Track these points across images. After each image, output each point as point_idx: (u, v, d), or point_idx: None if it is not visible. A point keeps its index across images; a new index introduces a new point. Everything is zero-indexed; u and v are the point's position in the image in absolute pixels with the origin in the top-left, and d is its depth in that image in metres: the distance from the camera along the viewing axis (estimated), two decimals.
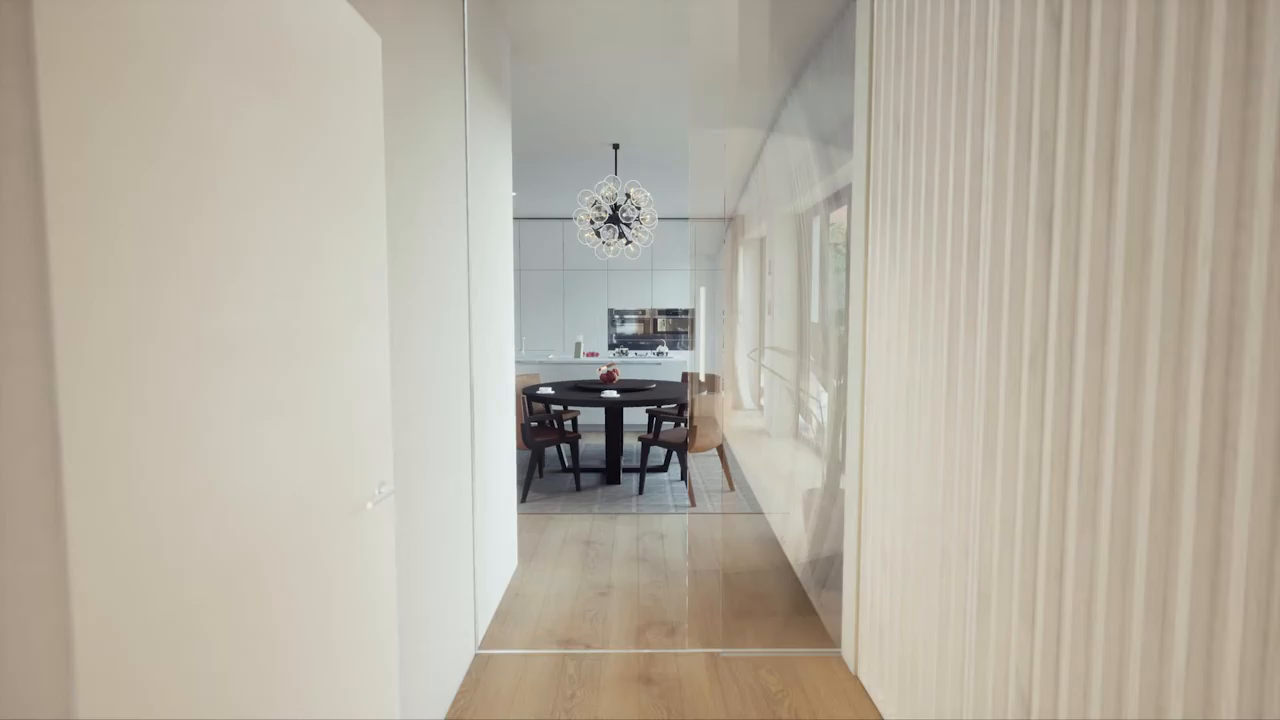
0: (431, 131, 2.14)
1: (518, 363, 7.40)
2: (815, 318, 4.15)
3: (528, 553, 3.70)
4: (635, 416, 6.90)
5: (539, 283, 9.08)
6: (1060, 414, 1.25)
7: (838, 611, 2.74)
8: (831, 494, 3.33)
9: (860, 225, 2.36)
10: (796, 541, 3.66)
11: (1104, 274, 1.14)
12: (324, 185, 1.29)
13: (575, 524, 4.23)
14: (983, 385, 1.52)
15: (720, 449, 5.00)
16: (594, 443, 6.69)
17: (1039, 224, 1.31)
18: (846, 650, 2.55)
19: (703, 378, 6.32)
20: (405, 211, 1.89)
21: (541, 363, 7.44)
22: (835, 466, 3.33)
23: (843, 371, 3.22)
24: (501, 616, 2.95)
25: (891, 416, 2.12)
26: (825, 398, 3.40)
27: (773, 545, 3.86)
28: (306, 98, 1.22)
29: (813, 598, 3.14)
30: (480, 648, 2.64)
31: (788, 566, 3.53)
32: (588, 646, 2.67)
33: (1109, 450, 1.12)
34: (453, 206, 2.37)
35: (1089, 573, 1.17)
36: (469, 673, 2.47)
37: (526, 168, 6.20)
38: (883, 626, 2.21)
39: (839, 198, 3.41)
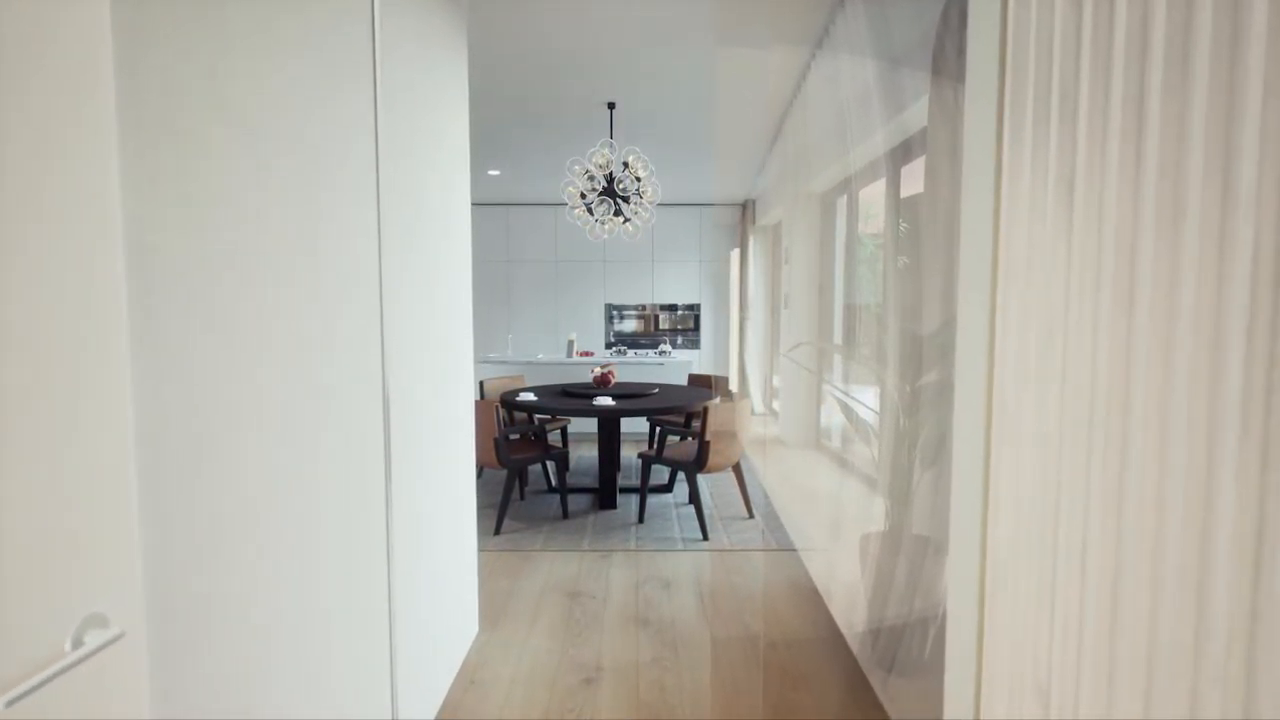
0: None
1: (502, 363, 6.55)
2: (866, 301, 3.30)
3: (495, 610, 2.85)
4: (635, 425, 6.05)
5: (528, 274, 8.24)
6: None
7: (913, 708, 1.89)
8: (895, 542, 2.48)
9: (987, 139, 1.51)
10: (847, 599, 2.80)
11: None
12: None
13: (559, 565, 3.38)
14: None
15: (735, 464, 4.15)
16: (587, 453, 5.84)
17: None
18: None
19: (733, 386, 5.42)
20: (183, 142, 1.04)
21: (528, 363, 6.58)
22: (902, 503, 2.48)
23: (920, 373, 2.37)
24: (450, 712, 2.10)
25: (1053, 452, 1.27)
26: (886, 405, 2.55)
27: (810, 596, 3.01)
28: None
29: (875, 684, 2.29)
30: None
31: (835, 630, 2.68)
32: None
33: None
34: (342, 140, 1.52)
35: None
36: None
37: (510, 143, 5.35)
38: None
39: (908, 148, 2.56)
